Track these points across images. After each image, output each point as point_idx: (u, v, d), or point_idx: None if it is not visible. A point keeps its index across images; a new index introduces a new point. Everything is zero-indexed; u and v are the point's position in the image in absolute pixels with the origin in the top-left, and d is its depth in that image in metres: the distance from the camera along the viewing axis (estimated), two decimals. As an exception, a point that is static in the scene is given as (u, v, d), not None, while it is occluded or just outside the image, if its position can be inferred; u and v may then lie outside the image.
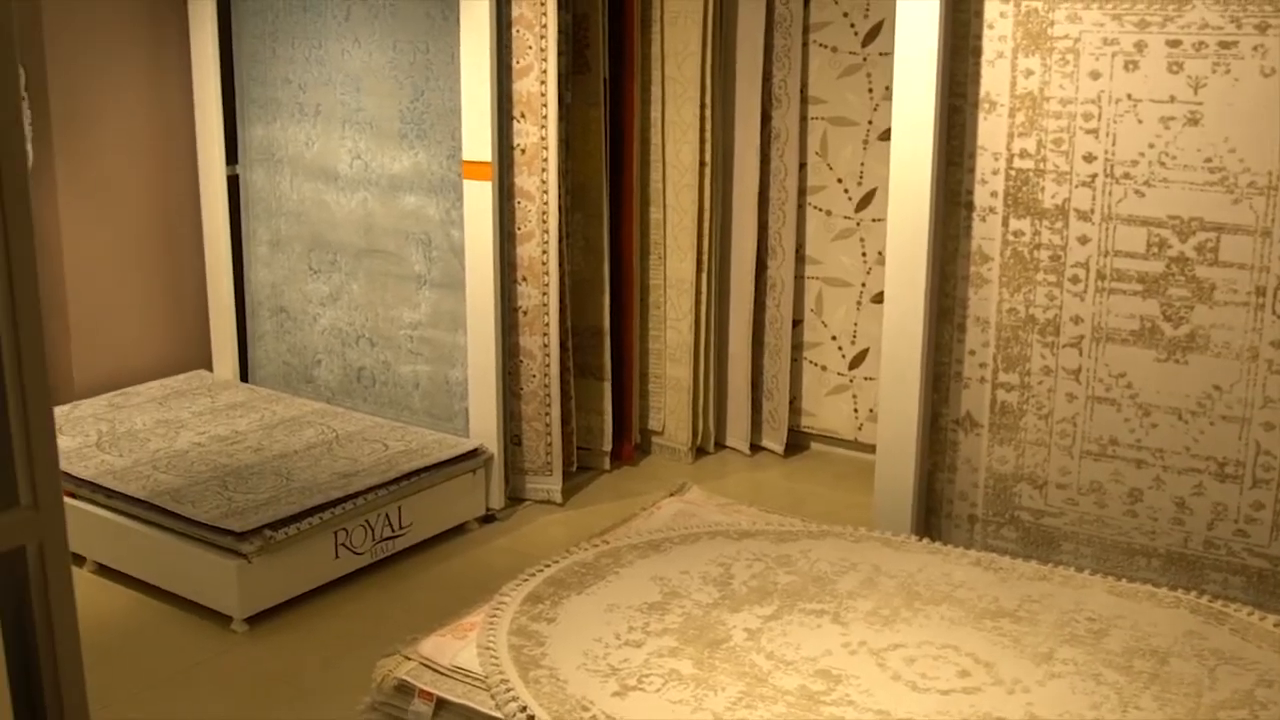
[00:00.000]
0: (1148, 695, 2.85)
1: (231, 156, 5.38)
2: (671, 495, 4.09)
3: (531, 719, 2.74)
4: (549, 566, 3.48)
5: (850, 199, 5.04)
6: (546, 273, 4.61)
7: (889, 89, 4.75)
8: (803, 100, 5.03)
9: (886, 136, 4.74)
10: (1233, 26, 3.47)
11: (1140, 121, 3.64)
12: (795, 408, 5.33)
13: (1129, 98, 3.65)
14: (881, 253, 4.92)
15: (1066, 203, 3.80)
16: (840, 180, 5.05)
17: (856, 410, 5.20)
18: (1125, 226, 3.72)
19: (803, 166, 5.09)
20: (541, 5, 4.42)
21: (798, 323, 5.24)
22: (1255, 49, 3.45)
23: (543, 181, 4.54)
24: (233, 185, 5.41)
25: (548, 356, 4.67)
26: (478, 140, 4.47)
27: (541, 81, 4.48)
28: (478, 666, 2.95)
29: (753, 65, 5.00)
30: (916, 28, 3.82)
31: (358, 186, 5.02)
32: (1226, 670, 2.95)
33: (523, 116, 4.51)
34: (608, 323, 5.04)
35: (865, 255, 5.05)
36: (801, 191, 5.11)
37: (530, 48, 4.46)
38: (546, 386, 4.69)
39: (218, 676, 3.62)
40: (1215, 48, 3.50)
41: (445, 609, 3.52)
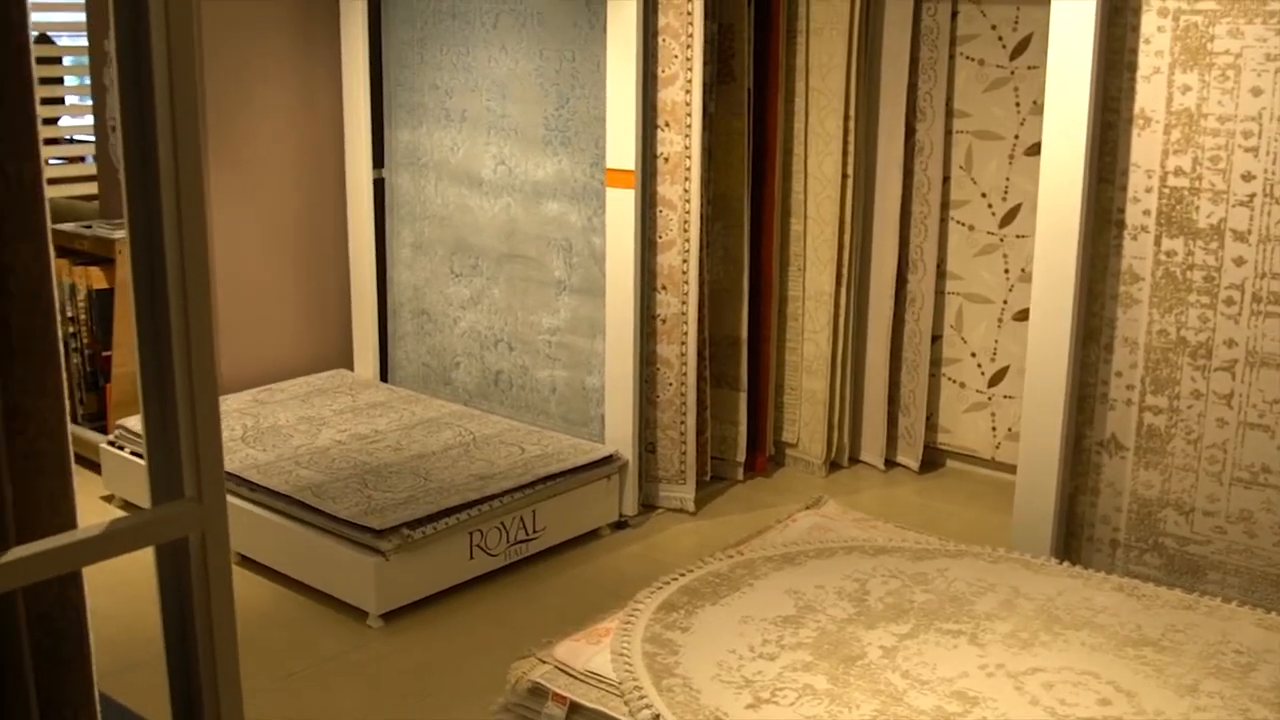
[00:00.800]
0: (1299, 733, 2.76)
1: (378, 160, 5.48)
2: (807, 508, 4.07)
3: (664, 727, 2.75)
4: (683, 575, 3.48)
5: (994, 214, 4.97)
6: (686, 282, 4.61)
7: (1036, 103, 4.68)
8: (948, 113, 4.96)
9: (1033, 151, 4.67)
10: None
11: (1304, 140, 3.54)
12: (932, 424, 5.26)
13: (1292, 116, 3.54)
14: (1024, 269, 4.85)
15: (1222, 222, 3.69)
16: (984, 195, 4.97)
17: (995, 428, 5.11)
18: (1284, 248, 3.61)
19: (946, 180, 5.03)
20: (688, 15, 4.43)
21: (937, 338, 5.17)
22: None
23: (685, 191, 4.55)
24: (378, 188, 5.51)
25: (685, 365, 4.67)
26: (621, 148, 4.49)
27: (686, 91, 4.48)
28: (611, 672, 2.96)
29: (898, 78, 4.95)
30: (1070, 41, 3.75)
31: (501, 192, 5.08)
32: (1384, 711, 2.85)
33: (667, 125, 4.52)
34: (745, 333, 5.03)
35: (1008, 271, 4.97)
36: (944, 205, 5.05)
37: (676, 57, 4.47)
38: (683, 395, 4.69)
39: (352, 671, 3.68)
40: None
41: (577, 614, 3.54)
